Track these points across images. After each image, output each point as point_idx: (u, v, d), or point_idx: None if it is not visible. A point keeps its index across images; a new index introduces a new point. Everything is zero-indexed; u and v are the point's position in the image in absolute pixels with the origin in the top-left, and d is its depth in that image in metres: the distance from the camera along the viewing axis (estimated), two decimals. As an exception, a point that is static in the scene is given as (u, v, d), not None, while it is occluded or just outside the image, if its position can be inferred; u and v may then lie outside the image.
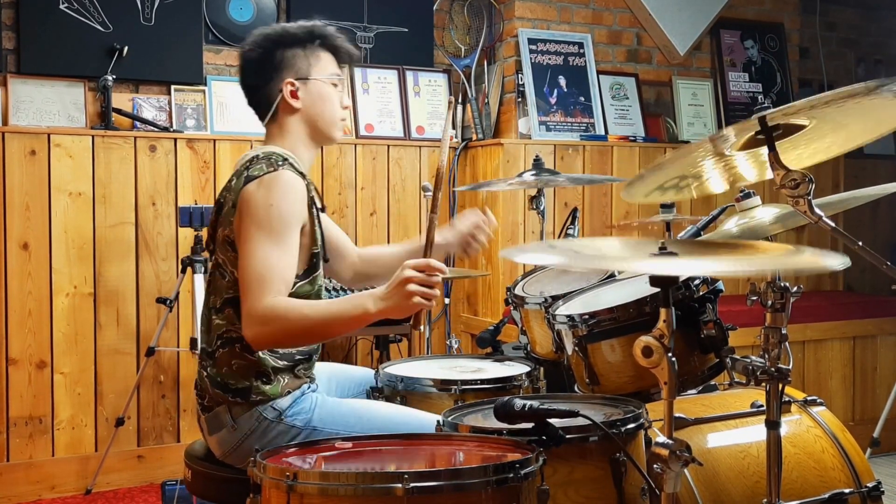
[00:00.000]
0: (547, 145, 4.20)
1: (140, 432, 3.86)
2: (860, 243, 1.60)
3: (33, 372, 3.67)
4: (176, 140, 3.89)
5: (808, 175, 1.59)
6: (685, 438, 1.54)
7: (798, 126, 1.67)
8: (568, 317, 2.15)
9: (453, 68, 4.50)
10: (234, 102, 4.00)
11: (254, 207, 1.96)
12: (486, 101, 4.40)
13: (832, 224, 1.64)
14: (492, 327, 2.74)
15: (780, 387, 1.81)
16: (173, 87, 3.98)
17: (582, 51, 4.47)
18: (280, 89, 2.12)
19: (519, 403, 1.68)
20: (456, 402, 2.19)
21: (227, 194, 2.06)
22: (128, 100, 3.94)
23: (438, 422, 1.82)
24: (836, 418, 2.22)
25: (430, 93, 4.47)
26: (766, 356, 1.81)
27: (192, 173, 3.91)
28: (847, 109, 1.58)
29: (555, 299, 2.39)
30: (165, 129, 3.92)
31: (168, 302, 3.67)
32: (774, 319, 1.80)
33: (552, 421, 1.66)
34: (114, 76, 3.81)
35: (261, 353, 2.02)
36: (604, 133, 4.42)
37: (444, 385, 2.26)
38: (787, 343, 1.82)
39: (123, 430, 3.76)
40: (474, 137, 4.36)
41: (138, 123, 3.89)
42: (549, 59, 4.38)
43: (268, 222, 1.95)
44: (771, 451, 1.81)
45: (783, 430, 1.87)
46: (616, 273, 2.53)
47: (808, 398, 2.25)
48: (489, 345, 2.71)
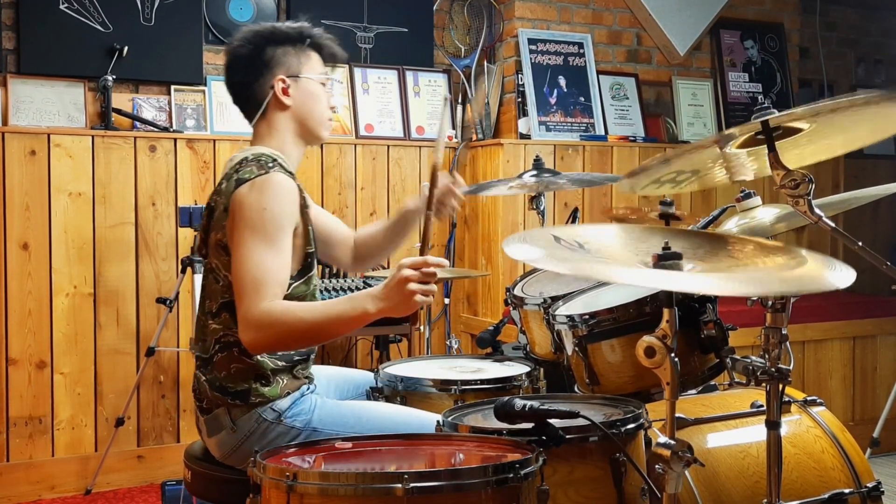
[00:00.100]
0: (547, 145, 4.20)
1: (140, 432, 3.85)
2: (860, 243, 1.60)
3: (33, 372, 3.67)
4: (176, 140, 3.89)
5: (808, 175, 1.59)
6: (685, 438, 1.54)
7: (799, 128, 1.67)
8: (568, 317, 2.15)
9: (453, 68, 4.50)
10: (234, 102, 4.00)
11: (247, 211, 1.95)
12: (486, 101, 4.40)
13: (832, 224, 1.64)
14: (492, 327, 2.74)
15: (780, 387, 1.81)
16: (173, 87, 3.98)
17: (582, 51, 4.47)
18: (272, 86, 2.11)
19: (519, 403, 1.68)
20: (456, 402, 2.19)
21: (217, 198, 2.05)
22: (128, 100, 3.94)
23: (438, 422, 1.82)
24: (835, 418, 2.22)
25: (430, 93, 4.47)
26: (767, 356, 1.80)
27: (192, 173, 3.91)
28: (850, 114, 1.58)
29: (554, 300, 2.39)
30: (165, 129, 3.92)
31: (168, 302, 3.67)
32: (774, 319, 1.80)
33: (552, 421, 1.66)
34: (114, 76, 3.81)
35: (259, 355, 2.02)
36: (604, 133, 4.42)
37: (443, 385, 2.26)
38: (788, 343, 1.82)
39: (123, 430, 3.76)
40: (474, 137, 4.35)
41: (138, 123, 3.89)
42: (549, 60, 4.38)
43: (262, 226, 1.94)
44: (771, 452, 1.81)
45: (783, 431, 1.86)
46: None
47: (808, 398, 2.24)
48: (489, 345, 2.71)
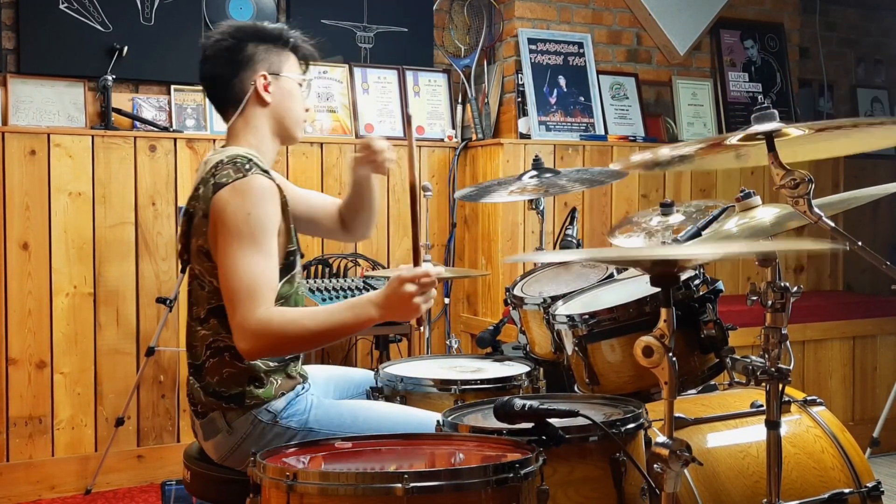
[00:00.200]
0: (547, 145, 4.20)
1: (140, 432, 3.85)
2: (860, 243, 1.60)
3: (33, 372, 3.67)
4: (176, 140, 3.89)
5: (808, 175, 1.60)
6: (685, 438, 1.54)
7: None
8: (568, 317, 2.15)
9: (453, 68, 4.50)
10: (234, 102, 4.00)
11: (231, 217, 1.93)
12: (485, 101, 4.40)
13: (832, 224, 1.64)
14: (491, 327, 2.75)
15: (780, 387, 1.81)
16: (173, 87, 3.98)
17: (582, 51, 4.47)
18: (253, 82, 2.11)
19: (519, 403, 1.68)
20: (456, 401, 2.19)
21: (195, 203, 2.03)
22: (128, 100, 3.94)
23: (438, 422, 1.82)
24: (835, 418, 2.22)
25: (430, 93, 4.47)
26: (766, 356, 1.81)
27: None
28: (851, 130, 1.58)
29: (554, 300, 2.39)
30: (165, 129, 3.92)
31: (168, 302, 3.67)
32: (774, 319, 1.80)
33: (552, 421, 1.66)
34: (114, 76, 3.81)
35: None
36: (604, 133, 4.42)
37: (443, 385, 2.26)
38: (788, 343, 1.82)
39: (123, 430, 3.76)
40: (474, 137, 4.36)
41: (138, 123, 3.89)
42: (549, 59, 4.38)
43: (248, 232, 1.92)
44: (771, 451, 1.81)
45: (783, 430, 1.87)
46: (615, 273, 2.53)
47: (808, 398, 2.25)
48: (489, 345, 2.71)
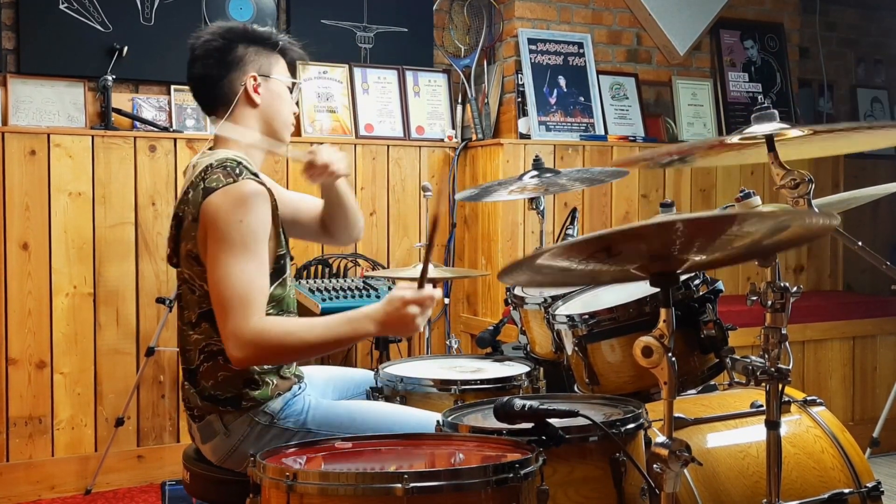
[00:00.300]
0: (547, 145, 4.20)
1: (140, 432, 3.85)
2: (860, 243, 1.61)
3: (33, 372, 3.67)
4: (176, 140, 3.89)
5: (808, 175, 1.60)
6: (685, 438, 1.54)
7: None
8: (568, 317, 2.15)
9: (453, 68, 4.50)
10: (234, 102, 4.00)
11: (223, 224, 1.92)
12: (485, 101, 4.40)
13: (832, 224, 1.64)
14: (491, 327, 2.75)
15: (780, 387, 1.81)
16: (173, 87, 3.98)
17: (582, 51, 4.47)
18: (243, 83, 2.10)
19: (519, 403, 1.68)
20: (456, 402, 2.19)
21: (185, 207, 2.02)
22: (127, 100, 3.94)
23: (438, 422, 1.82)
24: (835, 418, 2.22)
25: (430, 93, 4.47)
26: (766, 356, 1.81)
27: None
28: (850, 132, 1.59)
29: (554, 300, 2.39)
30: (165, 129, 3.92)
31: (168, 302, 3.67)
32: (774, 319, 1.80)
33: (552, 421, 1.66)
34: (114, 76, 3.81)
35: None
36: (603, 133, 4.42)
37: (443, 385, 2.26)
38: (787, 343, 1.82)
39: (123, 430, 3.76)
40: (474, 137, 4.36)
41: (138, 123, 3.89)
42: (549, 59, 4.38)
43: (241, 239, 1.91)
44: (771, 451, 1.81)
45: (783, 431, 1.87)
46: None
47: (808, 398, 2.25)
48: (489, 345, 2.72)
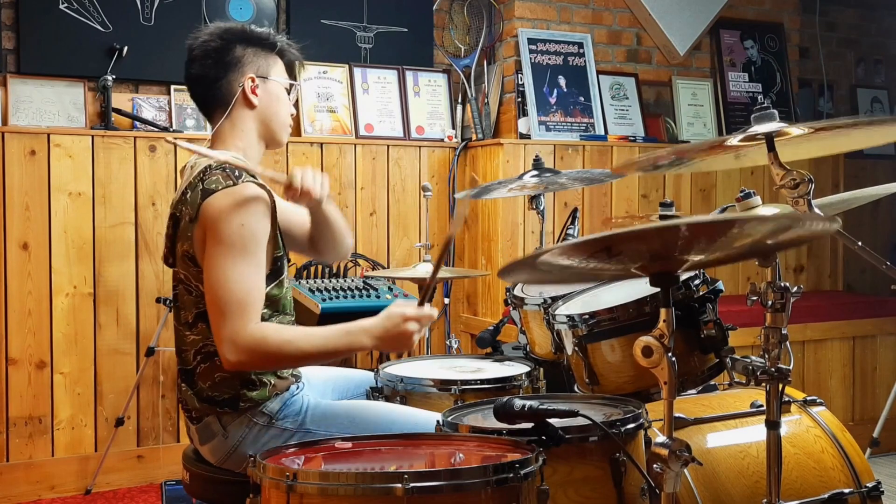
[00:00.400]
0: (547, 145, 4.20)
1: (140, 432, 3.85)
2: (860, 243, 1.61)
3: (33, 372, 3.67)
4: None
5: (808, 175, 1.60)
6: (685, 438, 1.54)
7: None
8: (568, 317, 2.15)
9: (453, 68, 4.50)
10: (234, 102, 4.00)
11: (224, 227, 1.92)
12: (485, 101, 4.40)
13: (832, 224, 1.64)
14: (491, 327, 2.75)
15: (780, 387, 1.81)
16: (173, 87, 3.98)
17: (582, 51, 4.47)
18: (241, 84, 2.10)
19: (519, 403, 1.68)
20: (456, 402, 2.19)
21: (182, 207, 2.01)
22: (127, 100, 3.94)
23: (438, 422, 1.82)
24: (835, 418, 2.22)
25: (430, 93, 4.47)
26: (766, 356, 1.81)
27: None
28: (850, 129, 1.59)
29: (554, 300, 2.39)
30: (165, 129, 3.92)
31: (168, 302, 3.67)
32: (774, 319, 1.80)
33: (552, 421, 1.66)
34: (113, 76, 3.81)
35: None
36: (603, 133, 4.42)
37: (443, 385, 2.26)
38: (788, 343, 1.82)
39: (123, 430, 3.76)
40: (474, 137, 4.36)
41: (138, 123, 3.89)
42: (549, 59, 4.38)
43: (241, 243, 1.91)
44: (771, 451, 1.81)
45: (783, 431, 1.87)
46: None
47: (808, 398, 2.25)
48: (489, 345, 2.72)
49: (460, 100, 4.50)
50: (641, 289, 2.07)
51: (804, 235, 1.52)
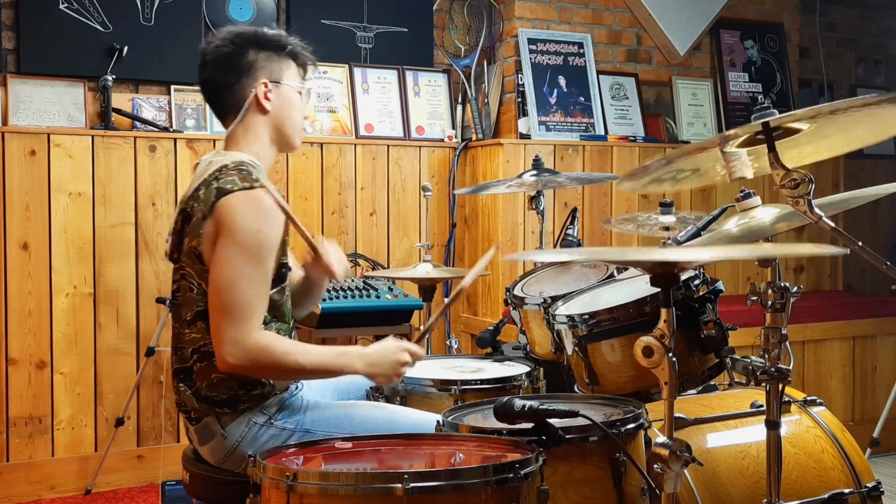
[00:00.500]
0: (547, 145, 4.20)
1: (140, 432, 3.85)
2: (860, 243, 1.60)
3: (33, 372, 3.67)
4: (176, 140, 3.89)
5: (808, 175, 1.60)
6: (685, 438, 1.55)
7: (799, 128, 1.67)
8: (568, 317, 2.15)
9: (453, 68, 4.50)
10: (234, 102, 4.00)
11: (240, 229, 1.92)
12: (485, 101, 4.40)
13: (832, 224, 1.64)
14: (491, 327, 2.75)
15: (780, 387, 1.81)
16: (173, 87, 3.98)
17: (582, 51, 4.47)
18: (253, 89, 2.09)
19: (519, 403, 1.68)
20: (456, 402, 2.19)
21: (195, 204, 2.01)
22: (127, 100, 3.94)
23: (438, 422, 1.82)
24: (835, 418, 2.22)
25: (430, 93, 4.47)
26: (766, 356, 1.81)
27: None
28: (849, 115, 1.58)
29: (554, 300, 2.39)
30: (165, 129, 3.92)
31: (168, 302, 3.67)
32: (774, 319, 1.80)
33: (552, 421, 1.66)
34: (113, 76, 3.81)
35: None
36: (604, 133, 4.42)
37: (443, 385, 2.27)
38: (788, 343, 1.82)
39: (123, 430, 3.76)
40: (474, 137, 4.36)
41: (138, 123, 3.89)
42: (549, 59, 4.38)
43: (256, 249, 1.92)
44: (771, 451, 1.81)
45: (783, 431, 1.87)
46: (615, 273, 2.54)
47: (808, 398, 2.25)
48: (489, 345, 2.72)
49: (460, 100, 4.50)
50: (641, 289, 2.07)
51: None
